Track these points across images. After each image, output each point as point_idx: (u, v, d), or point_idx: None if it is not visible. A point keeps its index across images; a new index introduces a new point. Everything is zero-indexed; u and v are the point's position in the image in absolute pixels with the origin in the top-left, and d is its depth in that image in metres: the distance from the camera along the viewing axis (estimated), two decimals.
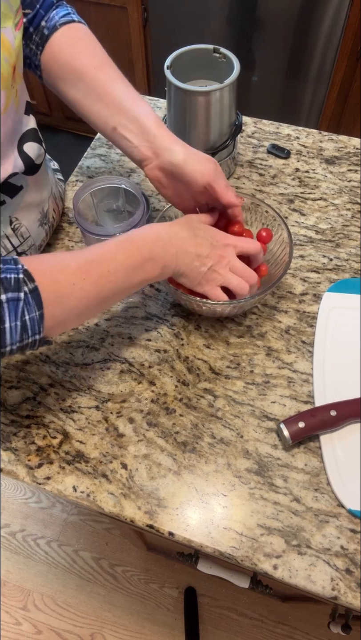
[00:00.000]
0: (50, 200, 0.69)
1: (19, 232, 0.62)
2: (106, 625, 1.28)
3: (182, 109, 0.71)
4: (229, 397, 0.59)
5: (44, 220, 0.67)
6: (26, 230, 0.63)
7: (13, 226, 0.61)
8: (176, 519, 0.51)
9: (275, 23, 1.48)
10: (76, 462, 0.54)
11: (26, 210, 0.62)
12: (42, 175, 0.64)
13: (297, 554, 0.49)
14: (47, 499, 1.47)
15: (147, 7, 1.57)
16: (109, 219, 0.70)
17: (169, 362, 0.61)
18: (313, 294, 0.67)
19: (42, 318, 0.44)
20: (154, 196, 0.78)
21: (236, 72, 0.68)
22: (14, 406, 0.59)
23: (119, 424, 0.57)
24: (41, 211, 0.66)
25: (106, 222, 0.70)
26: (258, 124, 0.88)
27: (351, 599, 0.46)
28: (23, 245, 0.64)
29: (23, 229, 0.63)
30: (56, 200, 0.72)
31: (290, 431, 0.53)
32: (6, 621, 1.30)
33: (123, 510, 0.51)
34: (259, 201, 0.66)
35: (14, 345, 0.43)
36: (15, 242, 0.62)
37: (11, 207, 0.60)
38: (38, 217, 0.65)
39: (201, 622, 1.27)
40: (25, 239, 0.64)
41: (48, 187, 0.68)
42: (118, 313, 0.66)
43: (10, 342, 0.43)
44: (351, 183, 0.79)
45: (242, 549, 0.49)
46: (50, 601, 1.32)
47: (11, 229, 0.61)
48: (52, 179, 0.71)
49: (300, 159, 0.83)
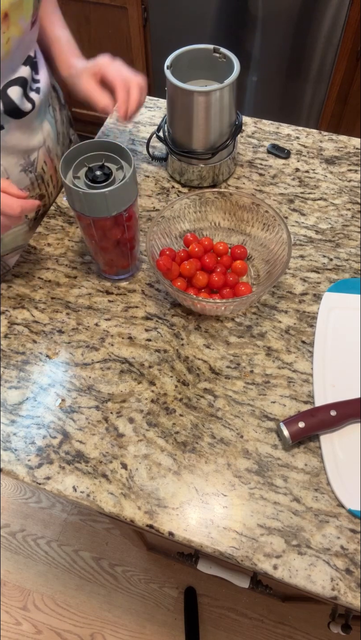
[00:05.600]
0: (42, 152, 0.72)
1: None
2: (106, 625, 1.28)
3: (182, 109, 0.71)
4: (229, 397, 0.59)
5: (29, 168, 0.69)
6: (4, 171, 0.66)
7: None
8: (176, 519, 0.51)
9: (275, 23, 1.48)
10: (75, 462, 0.54)
11: (6, 152, 0.65)
12: (31, 123, 0.67)
13: (297, 554, 0.49)
14: (47, 499, 1.47)
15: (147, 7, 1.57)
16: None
17: (169, 362, 0.61)
18: (313, 294, 0.67)
19: None
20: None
21: (236, 72, 0.68)
22: (14, 406, 0.59)
23: (119, 424, 0.57)
24: (26, 158, 0.68)
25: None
26: (258, 124, 0.88)
27: (351, 599, 0.46)
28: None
29: (1, 169, 0.65)
30: (50, 155, 0.74)
31: (290, 431, 0.53)
32: (6, 621, 1.30)
33: (123, 510, 0.51)
34: (260, 201, 0.66)
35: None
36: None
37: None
38: (21, 162, 0.68)
39: (201, 622, 1.27)
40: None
41: (39, 138, 0.70)
42: (118, 313, 0.66)
43: None
44: (351, 183, 0.79)
45: (242, 549, 0.49)
46: (50, 601, 1.32)
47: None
48: (50, 133, 0.74)
49: (300, 159, 0.83)
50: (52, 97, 0.76)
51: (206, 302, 0.59)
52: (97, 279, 0.69)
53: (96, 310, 0.66)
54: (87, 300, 0.67)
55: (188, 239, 0.68)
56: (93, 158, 0.58)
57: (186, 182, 0.80)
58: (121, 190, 0.55)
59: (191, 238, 0.68)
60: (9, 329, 0.65)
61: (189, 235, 0.68)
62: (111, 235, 0.60)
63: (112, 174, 0.57)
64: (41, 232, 0.75)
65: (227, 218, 0.70)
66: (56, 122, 0.77)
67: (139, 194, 0.77)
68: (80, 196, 0.55)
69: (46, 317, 0.66)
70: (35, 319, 0.66)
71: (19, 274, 0.70)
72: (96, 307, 0.67)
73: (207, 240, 0.68)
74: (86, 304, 0.67)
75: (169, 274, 0.62)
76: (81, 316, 0.66)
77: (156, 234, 0.65)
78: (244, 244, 0.70)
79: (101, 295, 0.68)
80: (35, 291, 0.68)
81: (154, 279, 0.69)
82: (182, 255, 0.66)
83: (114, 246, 0.62)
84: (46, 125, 0.73)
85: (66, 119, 0.83)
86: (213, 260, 0.66)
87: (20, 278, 0.70)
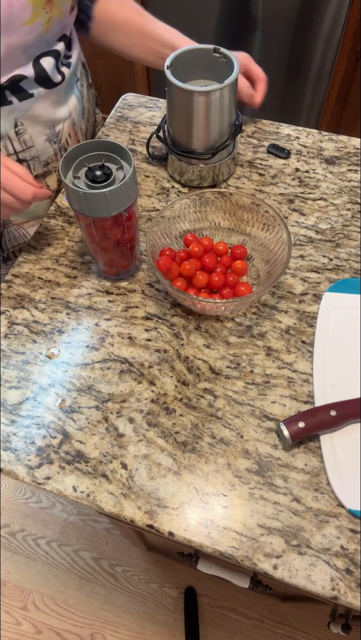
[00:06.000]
0: (67, 124, 0.75)
1: (22, 137, 0.67)
2: (106, 625, 1.28)
3: (182, 109, 0.71)
4: (229, 397, 0.59)
5: (53, 138, 0.72)
6: (30, 139, 0.69)
7: (17, 130, 0.66)
8: (176, 519, 0.51)
9: (275, 23, 1.48)
10: (75, 462, 0.54)
11: (33, 120, 0.68)
12: (59, 94, 0.70)
13: (297, 554, 0.49)
14: (47, 499, 1.47)
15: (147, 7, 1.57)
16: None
17: (169, 362, 0.61)
18: (313, 294, 0.67)
19: None
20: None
21: (236, 72, 0.68)
22: (14, 406, 0.59)
23: (119, 424, 0.57)
24: (51, 128, 0.71)
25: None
26: (258, 124, 0.88)
27: (351, 599, 0.46)
28: (25, 153, 0.69)
29: (27, 137, 0.68)
30: (75, 128, 0.77)
31: (290, 431, 0.53)
32: (6, 621, 1.30)
33: (123, 510, 0.51)
34: (260, 201, 0.66)
35: None
36: (18, 146, 0.68)
37: (18, 111, 0.65)
38: (46, 132, 0.71)
39: (201, 622, 1.27)
40: (27, 147, 0.69)
41: (65, 110, 0.73)
42: (118, 313, 0.66)
43: None
44: (351, 183, 0.79)
45: (242, 549, 0.49)
46: (50, 601, 1.32)
47: (14, 131, 0.66)
48: (76, 107, 0.77)
49: (300, 159, 0.83)
50: (81, 73, 0.80)
51: (206, 302, 0.59)
52: (97, 279, 0.69)
53: (96, 310, 0.66)
54: (87, 300, 0.67)
55: (187, 239, 0.68)
56: (93, 158, 0.58)
57: (186, 182, 0.80)
58: (121, 190, 0.55)
59: (191, 238, 0.68)
60: (9, 329, 0.65)
61: (189, 235, 0.68)
62: (111, 235, 0.60)
63: (112, 174, 0.57)
64: (41, 232, 0.75)
65: (227, 218, 0.70)
66: (83, 97, 0.80)
67: (139, 194, 0.77)
68: (80, 196, 0.55)
69: (46, 317, 0.66)
70: (35, 319, 0.66)
71: (19, 274, 0.70)
72: (96, 307, 0.67)
73: (207, 240, 0.68)
74: (86, 304, 0.67)
75: (169, 274, 0.62)
76: (81, 316, 0.66)
77: (156, 234, 0.65)
78: (244, 244, 0.70)
79: (101, 295, 0.68)
80: (35, 291, 0.68)
81: (154, 279, 0.69)
82: (182, 255, 0.66)
83: (114, 246, 0.62)
84: (73, 99, 0.76)
85: (93, 98, 0.87)
86: (213, 260, 0.66)
87: (20, 278, 0.70)
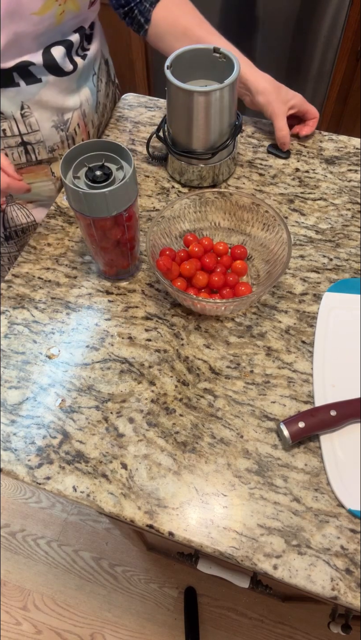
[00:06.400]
0: (77, 114, 0.75)
1: (27, 120, 0.68)
2: (106, 625, 1.28)
3: (182, 109, 0.71)
4: (229, 397, 0.59)
5: (61, 126, 0.73)
6: (35, 123, 0.69)
7: (23, 112, 0.67)
8: (176, 519, 0.51)
9: (275, 23, 1.48)
10: (75, 462, 0.54)
11: (40, 105, 0.68)
12: (70, 83, 0.71)
13: (297, 554, 0.49)
14: (47, 499, 1.47)
15: None
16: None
17: (169, 362, 0.61)
18: (313, 294, 0.67)
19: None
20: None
21: (236, 72, 0.69)
22: (14, 406, 0.59)
23: (119, 424, 0.57)
24: (59, 115, 0.72)
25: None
26: (258, 124, 0.88)
27: (351, 599, 0.46)
28: (29, 136, 0.69)
29: (32, 120, 0.68)
30: (85, 119, 0.77)
31: (290, 431, 0.53)
32: (6, 621, 1.30)
33: (123, 510, 0.51)
34: (260, 201, 0.66)
35: None
36: (23, 129, 0.68)
37: (24, 94, 0.66)
38: (54, 119, 0.71)
39: (201, 622, 1.27)
40: (33, 131, 0.69)
41: (75, 100, 0.74)
42: (118, 313, 0.66)
43: None
44: (351, 183, 0.79)
45: (242, 549, 0.49)
46: (50, 601, 1.32)
47: (20, 113, 0.67)
48: (89, 99, 0.77)
49: (300, 159, 0.83)
50: (100, 68, 0.80)
51: (206, 302, 0.59)
52: (97, 279, 0.69)
53: (96, 310, 0.66)
54: (87, 300, 0.67)
55: (187, 239, 0.68)
56: (93, 158, 0.58)
57: (186, 182, 0.80)
58: (121, 190, 0.55)
59: (191, 238, 0.68)
60: (9, 329, 0.65)
61: (189, 235, 0.68)
62: (111, 235, 0.60)
63: (112, 174, 0.57)
64: (41, 232, 0.75)
65: (227, 218, 0.70)
66: (99, 92, 0.80)
67: (139, 194, 0.77)
68: (80, 196, 0.55)
69: (46, 317, 0.66)
70: (35, 319, 0.66)
71: (19, 274, 0.70)
72: (96, 307, 0.67)
73: (207, 240, 0.68)
74: (86, 304, 0.67)
75: (169, 274, 0.62)
76: (81, 316, 0.66)
77: (156, 234, 0.65)
78: (244, 244, 0.70)
79: (101, 295, 0.68)
80: (35, 291, 0.68)
81: (154, 279, 0.69)
82: (182, 255, 0.66)
83: (114, 246, 0.62)
84: (86, 90, 0.76)
85: (112, 95, 0.88)
86: (213, 260, 0.66)
87: (20, 278, 0.70)
